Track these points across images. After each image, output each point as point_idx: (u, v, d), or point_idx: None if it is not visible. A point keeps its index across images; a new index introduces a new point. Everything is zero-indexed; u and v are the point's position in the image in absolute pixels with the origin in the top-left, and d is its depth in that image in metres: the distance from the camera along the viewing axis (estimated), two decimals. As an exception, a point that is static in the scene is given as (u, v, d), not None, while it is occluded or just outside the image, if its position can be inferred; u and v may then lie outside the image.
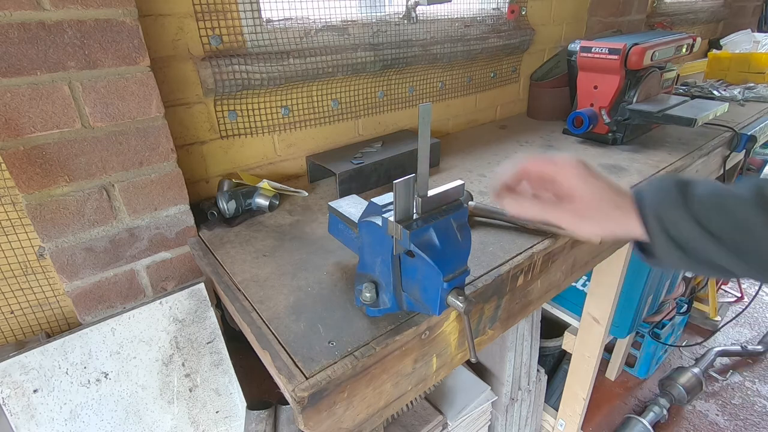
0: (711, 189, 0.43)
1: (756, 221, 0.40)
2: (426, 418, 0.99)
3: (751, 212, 0.40)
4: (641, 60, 1.07)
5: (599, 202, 0.46)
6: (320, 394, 0.47)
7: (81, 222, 0.68)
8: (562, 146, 1.18)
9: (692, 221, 0.42)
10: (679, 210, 0.43)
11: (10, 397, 0.59)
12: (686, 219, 0.42)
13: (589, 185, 0.46)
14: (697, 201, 0.43)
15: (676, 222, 0.43)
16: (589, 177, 0.47)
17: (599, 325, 1.19)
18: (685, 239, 0.43)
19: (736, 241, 0.41)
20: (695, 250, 0.43)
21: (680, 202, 0.43)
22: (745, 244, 0.41)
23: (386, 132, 1.17)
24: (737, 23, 2.51)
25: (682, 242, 0.43)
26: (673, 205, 0.43)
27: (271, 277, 0.66)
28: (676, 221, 0.43)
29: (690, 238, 0.43)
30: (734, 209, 0.41)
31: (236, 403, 0.75)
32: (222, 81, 0.81)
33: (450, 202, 0.50)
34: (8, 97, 0.57)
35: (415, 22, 1.08)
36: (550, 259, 0.75)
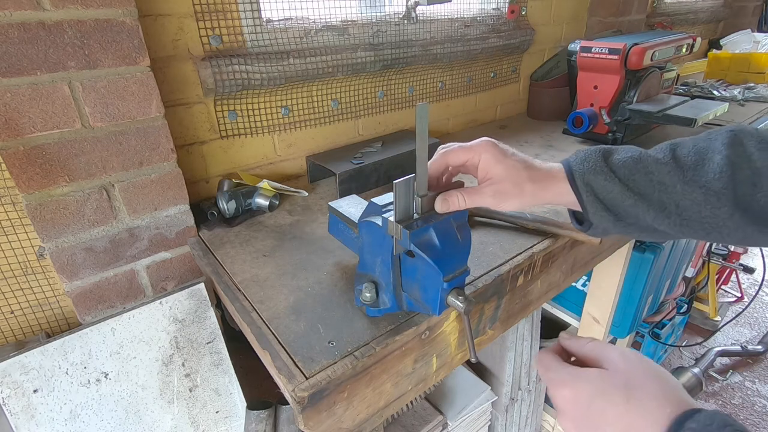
0: (632, 153, 0.48)
1: (674, 179, 0.45)
2: (426, 418, 0.99)
3: (668, 171, 0.45)
4: (641, 60, 1.07)
5: (515, 178, 0.48)
6: (320, 394, 0.47)
7: (81, 222, 0.68)
8: (562, 146, 1.18)
9: (619, 184, 0.46)
10: (606, 174, 0.46)
11: (10, 397, 0.59)
12: (614, 182, 0.46)
13: (502, 164, 0.49)
14: (622, 165, 0.47)
15: (604, 185, 0.47)
16: (502, 156, 0.49)
17: (599, 325, 1.19)
18: (614, 201, 0.47)
19: (660, 198, 0.46)
20: (625, 212, 0.47)
21: (606, 168, 0.47)
22: (666, 199, 0.45)
23: (386, 132, 1.17)
24: (737, 23, 2.51)
25: (611, 205, 0.47)
26: (601, 171, 0.47)
27: (271, 277, 0.66)
28: (604, 185, 0.46)
29: (619, 200, 0.47)
30: (654, 170, 0.46)
31: (236, 403, 0.75)
32: (222, 81, 0.81)
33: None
34: (8, 97, 0.57)
35: (415, 22, 1.08)
36: (550, 259, 0.75)
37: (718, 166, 0.43)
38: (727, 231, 0.45)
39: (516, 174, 0.49)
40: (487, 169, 0.49)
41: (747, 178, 0.43)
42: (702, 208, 0.44)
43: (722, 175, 0.43)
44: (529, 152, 1.13)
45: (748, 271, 1.91)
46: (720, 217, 0.44)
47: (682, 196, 0.45)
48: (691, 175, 0.45)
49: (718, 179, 0.43)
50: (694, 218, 0.45)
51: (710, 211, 0.44)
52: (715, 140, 0.46)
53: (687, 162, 0.45)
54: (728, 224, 0.44)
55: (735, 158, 0.43)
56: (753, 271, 1.92)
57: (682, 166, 0.45)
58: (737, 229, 0.44)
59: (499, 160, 0.49)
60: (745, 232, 0.44)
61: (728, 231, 0.45)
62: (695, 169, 0.45)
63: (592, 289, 1.19)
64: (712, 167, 0.44)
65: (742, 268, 1.90)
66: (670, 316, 1.66)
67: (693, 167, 0.45)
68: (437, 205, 0.48)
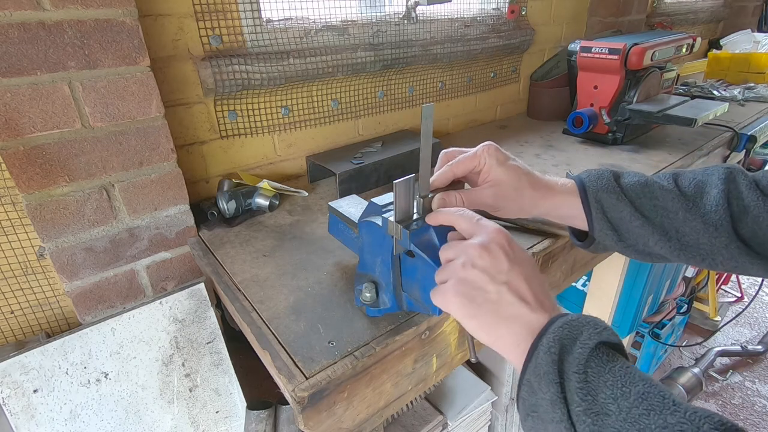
0: (639, 178, 0.50)
1: (676, 206, 0.48)
2: (426, 418, 0.99)
3: (672, 198, 0.48)
4: (641, 60, 1.07)
5: (516, 183, 0.49)
6: (320, 394, 0.47)
7: (81, 222, 0.68)
8: (562, 146, 1.18)
9: (629, 205, 0.48)
10: (618, 195, 0.48)
11: (10, 397, 0.59)
12: (624, 202, 0.48)
13: (504, 167, 0.49)
14: (631, 188, 0.49)
15: (615, 205, 0.48)
16: (504, 159, 0.50)
17: (599, 325, 1.19)
18: (621, 221, 0.49)
19: (663, 223, 0.48)
20: (630, 232, 0.49)
21: (618, 189, 0.49)
22: (668, 225, 0.48)
23: (386, 132, 1.17)
24: (737, 23, 2.51)
25: (618, 224, 0.49)
26: (613, 191, 0.49)
27: (271, 277, 0.66)
28: (615, 204, 0.48)
29: (627, 220, 0.49)
30: (659, 195, 0.49)
31: (236, 403, 0.75)
32: (222, 81, 0.81)
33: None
34: (8, 97, 0.57)
35: (415, 22, 1.08)
36: (550, 259, 0.75)
37: (715, 199, 0.47)
38: (721, 259, 0.48)
39: (517, 179, 0.50)
40: (489, 171, 0.50)
41: (738, 212, 0.46)
42: (701, 236, 0.47)
43: (719, 207, 0.46)
44: (529, 152, 1.13)
45: (748, 271, 1.91)
46: (716, 246, 0.47)
47: (683, 223, 0.48)
48: (692, 204, 0.48)
49: (715, 211, 0.46)
50: (692, 244, 0.48)
51: (708, 240, 0.47)
52: (713, 175, 0.49)
53: (688, 192, 0.49)
54: (723, 253, 0.47)
55: (729, 193, 0.47)
56: (753, 271, 1.92)
57: (684, 194, 0.48)
58: (731, 258, 0.47)
59: (501, 163, 0.50)
60: (738, 261, 0.47)
61: (722, 259, 0.48)
62: (695, 199, 0.48)
63: (592, 289, 1.19)
64: (710, 200, 0.47)
65: (742, 268, 1.90)
66: (670, 316, 1.66)
67: (693, 197, 0.48)
68: (434, 205, 0.48)
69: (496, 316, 0.39)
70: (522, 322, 0.38)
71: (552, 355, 0.34)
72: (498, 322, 0.39)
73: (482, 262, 0.39)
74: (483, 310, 0.39)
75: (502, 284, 0.39)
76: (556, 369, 0.34)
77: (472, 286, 0.39)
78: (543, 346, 0.35)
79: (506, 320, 0.39)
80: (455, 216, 0.44)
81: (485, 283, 0.39)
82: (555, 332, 0.35)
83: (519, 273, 0.39)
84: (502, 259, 0.39)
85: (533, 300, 0.39)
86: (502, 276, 0.39)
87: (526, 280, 0.39)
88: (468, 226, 0.42)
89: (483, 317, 0.39)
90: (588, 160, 1.07)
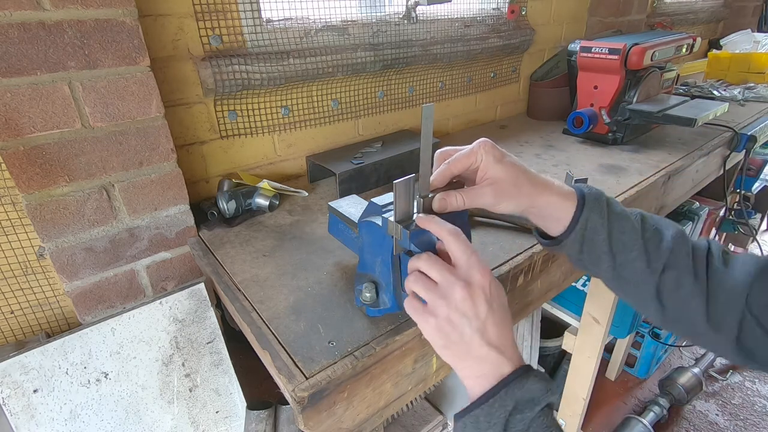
0: (620, 210, 0.53)
1: (636, 244, 0.51)
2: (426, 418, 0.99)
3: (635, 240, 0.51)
4: (641, 60, 1.07)
5: (514, 179, 0.50)
6: (320, 394, 0.47)
7: (81, 222, 0.68)
8: (562, 146, 1.18)
9: (606, 233, 0.51)
10: (602, 219, 0.51)
11: (10, 397, 0.59)
12: (603, 228, 0.51)
13: (501, 164, 0.50)
14: (614, 217, 0.52)
15: (595, 227, 0.51)
16: (501, 156, 0.51)
17: (599, 325, 1.19)
18: (591, 242, 0.52)
19: (619, 262, 0.51)
20: (589, 253, 0.52)
21: (605, 215, 0.51)
22: (622, 268, 0.51)
23: (386, 132, 1.17)
24: (737, 23, 2.51)
25: (587, 243, 0.52)
26: (600, 215, 0.51)
27: (271, 277, 0.66)
28: (596, 227, 0.51)
29: (595, 244, 0.51)
30: (627, 231, 0.51)
31: (236, 403, 0.75)
32: (222, 81, 0.81)
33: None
34: (8, 97, 0.57)
35: (415, 22, 1.08)
36: (550, 259, 0.75)
37: (666, 247, 0.50)
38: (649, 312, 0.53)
39: (515, 175, 0.50)
40: (486, 169, 0.50)
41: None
42: (640, 276, 0.51)
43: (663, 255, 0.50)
44: (529, 152, 1.13)
45: (748, 271, 1.91)
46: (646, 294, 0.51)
47: (630, 262, 0.51)
48: (649, 248, 0.51)
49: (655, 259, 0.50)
50: (630, 282, 0.52)
51: (643, 280, 0.51)
52: (669, 228, 0.52)
53: (649, 245, 0.51)
54: (650, 306, 0.51)
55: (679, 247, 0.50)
56: (753, 271, 1.92)
57: (647, 246, 0.51)
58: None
59: (498, 160, 0.50)
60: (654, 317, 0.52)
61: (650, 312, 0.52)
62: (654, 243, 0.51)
63: (592, 289, 1.19)
64: (663, 246, 0.50)
65: (742, 268, 1.90)
66: (670, 316, 1.66)
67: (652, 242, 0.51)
68: (435, 205, 0.49)
69: (466, 354, 0.44)
70: (487, 363, 0.44)
71: (506, 410, 0.41)
72: (466, 358, 0.44)
73: (464, 306, 0.43)
74: (455, 346, 0.44)
75: (477, 330, 0.43)
76: (504, 421, 0.41)
77: (452, 326, 0.44)
78: (499, 399, 0.41)
79: (474, 358, 0.44)
80: (450, 236, 0.45)
81: (463, 326, 0.43)
82: (512, 391, 0.42)
83: (493, 321, 0.44)
84: (482, 305, 0.43)
85: (499, 345, 0.44)
86: (478, 322, 0.43)
87: (497, 326, 0.44)
88: (460, 256, 0.44)
89: (453, 350, 0.45)
90: (588, 160, 1.07)
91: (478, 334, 0.43)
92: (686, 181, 1.14)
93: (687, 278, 0.49)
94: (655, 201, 1.02)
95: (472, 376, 0.44)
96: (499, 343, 0.44)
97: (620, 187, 0.91)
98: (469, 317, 0.43)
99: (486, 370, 0.44)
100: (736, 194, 1.74)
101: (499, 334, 0.44)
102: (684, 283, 0.49)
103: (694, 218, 1.55)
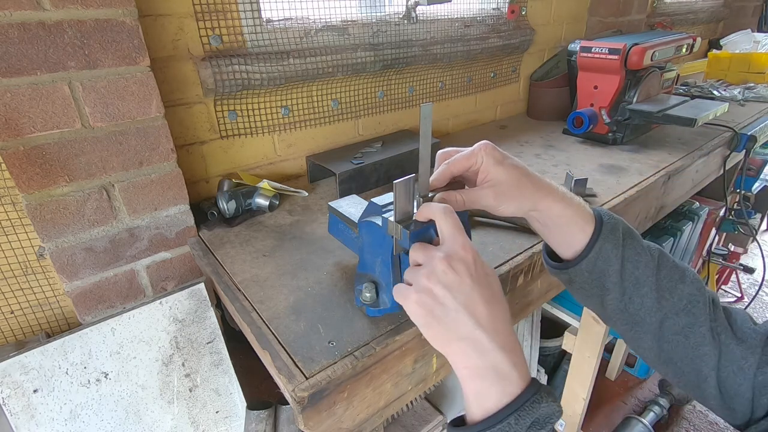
0: (637, 242, 0.50)
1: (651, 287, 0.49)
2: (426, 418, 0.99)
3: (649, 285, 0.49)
4: (641, 60, 1.07)
5: (516, 181, 0.49)
6: (320, 394, 0.47)
7: (81, 222, 0.68)
8: (562, 146, 1.18)
9: (619, 264, 0.49)
10: (617, 250, 0.49)
11: (10, 397, 0.59)
12: (617, 260, 0.49)
13: (503, 166, 0.49)
14: (630, 249, 0.50)
15: (608, 258, 0.49)
16: (502, 158, 0.50)
17: (599, 325, 1.19)
18: (601, 272, 0.50)
19: (628, 296, 0.50)
20: (596, 283, 0.51)
21: (620, 245, 0.49)
22: (630, 302, 0.50)
23: (386, 132, 1.17)
24: (737, 23, 2.51)
25: (597, 271, 0.50)
26: (615, 245, 0.49)
27: (271, 277, 0.66)
28: (608, 257, 0.49)
29: (606, 275, 0.50)
30: (641, 266, 0.49)
31: (236, 403, 0.75)
32: (222, 81, 0.81)
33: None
34: (8, 97, 0.57)
35: (415, 22, 1.08)
36: (550, 259, 0.75)
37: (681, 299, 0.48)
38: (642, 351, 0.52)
39: (516, 177, 0.49)
40: (488, 171, 0.49)
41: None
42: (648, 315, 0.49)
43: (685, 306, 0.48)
44: (529, 152, 1.13)
45: (748, 271, 1.91)
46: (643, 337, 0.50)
47: (639, 297, 0.49)
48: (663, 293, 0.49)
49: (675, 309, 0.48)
50: (638, 321, 0.50)
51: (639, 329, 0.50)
52: (689, 271, 0.50)
53: (663, 283, 0.49)
54: (645, 342, 0.51)
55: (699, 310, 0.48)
56: (753, 271, 1.92)
57: (660, 284, 0.49)
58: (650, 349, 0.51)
59: (499, 162, 0.49)
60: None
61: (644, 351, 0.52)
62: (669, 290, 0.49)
63: (592, 289, 1.19)
64: (679, 293, 0.48)
65: (742, 268, 1.90)
66: (670, 316, 1.66)
67: (667, 288, 0.49)
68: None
69: (451, 333, 0.41)
70: (474, 346, 0.40)
71: (524, 427, 0.37)
72: (451, 339, 0.41)
73: (445, 278, 0.40)
74: (439, 323, 0.41)
75: (462, 305, 0.40)
76: None
77: (433, 299, 0.41)
78: (520, 418, 0.37)
79: (459, 339, 0.40)
80: (439, 212, 0.44)
81: (446, 299, 0.40)
82: (532, 408, 0.38)
83: (479, 295, 0.40)
84: (465, 277, 0.40)
85: (489, 325, 0.40)
86: (463, 296, 0.40)
87: (485, 304, 0.40)
88: (445, 231, 0.43)
89: (438, 329, 0.41)
90: (588, 160, 1.07)
91: (463, 309, 0.40)
92: (686, 181, 1.14)
93: (700, 329, 0.47)
94: (655, 201, 1.02)
95: (459, 363, 0.41)
96: (492, 328, 0.40)
97: (620, 187, 0.91)
98: (452, 289, 0.40)
99: (473, 355, 0.40)
100: (736, 194, 1.74)
101: (489, 314, 0.40)
102: (696, 333, 0.47)
103: (694, 218, 1.55)
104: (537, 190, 0.50)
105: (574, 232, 0.51)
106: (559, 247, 0.53)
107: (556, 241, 0.53)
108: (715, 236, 1.77)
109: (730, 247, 1.99)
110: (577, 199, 0.51)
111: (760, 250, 1.72)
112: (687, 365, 0.48)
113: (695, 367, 0.47)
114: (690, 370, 0.48)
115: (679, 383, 0.50)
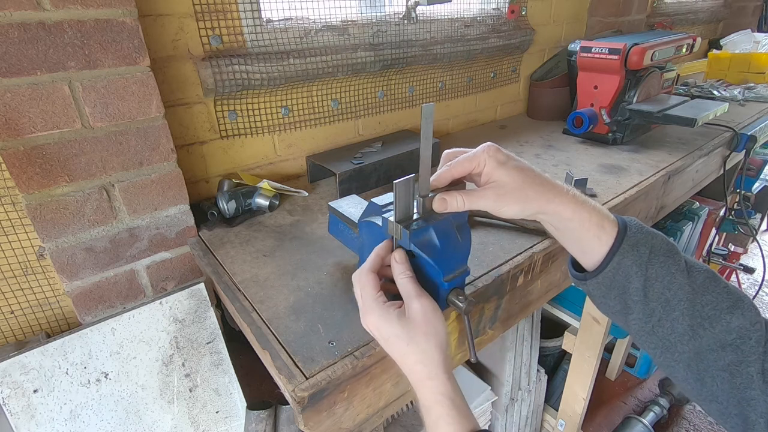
0: (669, 258, 0.47)
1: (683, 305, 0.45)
2: (426, 418, 0.99)
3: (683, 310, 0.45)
4: (641, 60, 1.07)
5: (518, 183, 0.48)
6: (320, 394, 0.47)
7: (81, 222, 0.68)
8: (562, 146, 1.18)
9: (641, 282, 0.46)
10: (640, 268, 0.46)
11: (10, 397, 0.59)
12: (638, 277, 0.46)
13: (505, 168, 0.48)
14: (657, 267, 0.46)
15: (628, 274, 0.47)
16: (505, 159, 0.49)
17: (599, 325, 1.19)
18: (621, 288, 0.48)
19: (657, 318, 0.46)
20: (617, 299, 0.48)
21: (645, 262, 0.46)
22: (659, 325, 0.46)
23: (386, 132, 1.17)
24: (737, 23, 2.51)
25: (616, 287, 0.48)
26: (637, 261, 0.47)
27: (271, 277, 0.66)
28: (628, 273, 0.47)
29: (627, 292, 0.47)
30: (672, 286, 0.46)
31: (236, 403, 0.75)
32: (222, 81, 0.81)
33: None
34: (8, 97, 0.57)
35: (415, 22, 1.08)
36: (550, 259, 0.75)
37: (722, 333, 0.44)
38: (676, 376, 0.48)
39: (520, 179, 0.48)
40: (490, 173, 0.49)
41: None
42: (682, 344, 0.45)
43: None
44: (529, 152, 1.13)
45: (748, 271, 1.91)
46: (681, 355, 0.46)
47: (670, 321, 0.46)
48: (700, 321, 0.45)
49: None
50: (669, 346, 0.47)
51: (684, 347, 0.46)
52: (744, 301, 0.45)
53: (704, 310, 0.45)
54: (678, 372, 0.47)
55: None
56: (753, 271, 1.92)
57: (698, 311, 0.45)
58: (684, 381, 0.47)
59: (502, 164, 0.48)
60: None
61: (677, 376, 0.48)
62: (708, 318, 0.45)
63: (592, 289, 1.19)
64: (720, 326, 0.44)
65: (742, 268, 1.90)
66: (670, 316, 1.66)
67: (708, 317, 0.45)
68: (435, 205, 0.48)
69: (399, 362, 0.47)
70: (423, 384, 0.46)
71: None
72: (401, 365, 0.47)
73: (373, 332, 0.48)
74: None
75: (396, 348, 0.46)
76: None
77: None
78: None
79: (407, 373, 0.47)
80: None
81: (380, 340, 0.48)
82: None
83: (394, 355, 0.47)
84: (383, 343, 0.48)
85: (418, 370, 0.46)
86: (395, 354, 0.47)
87: (402, 364, 0.47)
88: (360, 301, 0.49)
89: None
90: (588, 160, 1.07)
91: (397, 352, 0.46)
92: (686, 181, 1.14)
93: (748, 369, 0.42)
94: (655, 201, 1.02)
95: (416, 383, 0.47)
96: (415, 369, 0.46)
97: (620, 187, 0.91)
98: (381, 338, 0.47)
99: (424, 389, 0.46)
100: (736, 194, 1.74)
101: (411, 369, 0.46)
102: (743, 373, 0.42)
103: (694, 218, 1.55)
104: (543, 193, 0.48)
105: (588, 239, 0.48)
106: (577, 255, 0.52)
107: (571, 248, 0.52)
108: (715, 236, 1.77)
109: (730, 247, 1.99)
110: (591, 204, 0.49)
111: (760, 250, 1.72)
112: (733, 407, 0.43)
113: (741, 410, 0.43)
114: (736, 412, 0.43)
115: (725, 425, 0.45)
